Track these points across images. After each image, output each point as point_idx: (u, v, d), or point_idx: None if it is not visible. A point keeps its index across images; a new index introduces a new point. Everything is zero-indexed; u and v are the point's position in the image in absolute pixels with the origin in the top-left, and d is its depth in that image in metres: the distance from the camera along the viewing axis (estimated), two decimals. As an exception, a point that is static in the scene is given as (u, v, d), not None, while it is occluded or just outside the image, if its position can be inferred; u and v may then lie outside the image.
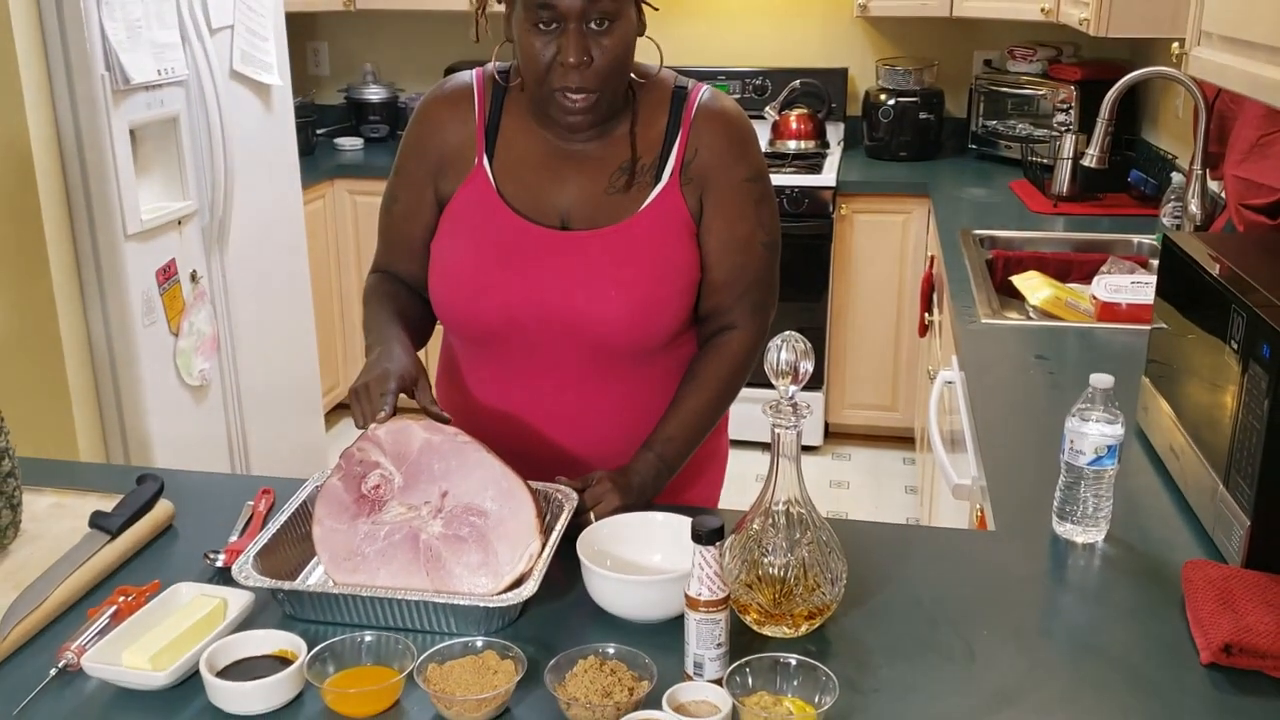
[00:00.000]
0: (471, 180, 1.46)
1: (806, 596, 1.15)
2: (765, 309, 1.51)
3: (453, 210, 1.47)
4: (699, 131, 1.44)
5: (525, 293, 1.42)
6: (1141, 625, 1.20)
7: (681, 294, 1.44)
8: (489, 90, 1.48)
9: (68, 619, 1.23)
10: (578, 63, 1.31)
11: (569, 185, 1.44)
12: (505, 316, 1.43)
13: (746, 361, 1.50)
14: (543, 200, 1.44)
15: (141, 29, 2.60)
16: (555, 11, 1.30)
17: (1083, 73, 3.69)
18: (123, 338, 2.67)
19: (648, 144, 1.44)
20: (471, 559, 1.22)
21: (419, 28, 4.44)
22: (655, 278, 1.42)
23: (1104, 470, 1.32)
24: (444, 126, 1.48)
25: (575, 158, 1.45)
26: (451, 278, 1.45)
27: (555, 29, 1.31)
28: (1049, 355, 2.03)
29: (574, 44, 1.31)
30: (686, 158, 1.43)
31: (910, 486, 3.74)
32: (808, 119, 4.03)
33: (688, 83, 1.48)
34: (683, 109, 1.44)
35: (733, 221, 1.45)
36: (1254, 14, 1.56)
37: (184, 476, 1.58)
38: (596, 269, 1.41)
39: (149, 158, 2.76)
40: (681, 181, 1.43)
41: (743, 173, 1.45)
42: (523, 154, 1.46)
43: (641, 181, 1.43)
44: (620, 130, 1.44)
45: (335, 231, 4.06)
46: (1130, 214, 3.19)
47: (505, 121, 1.47)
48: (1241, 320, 1.29)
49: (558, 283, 1.41)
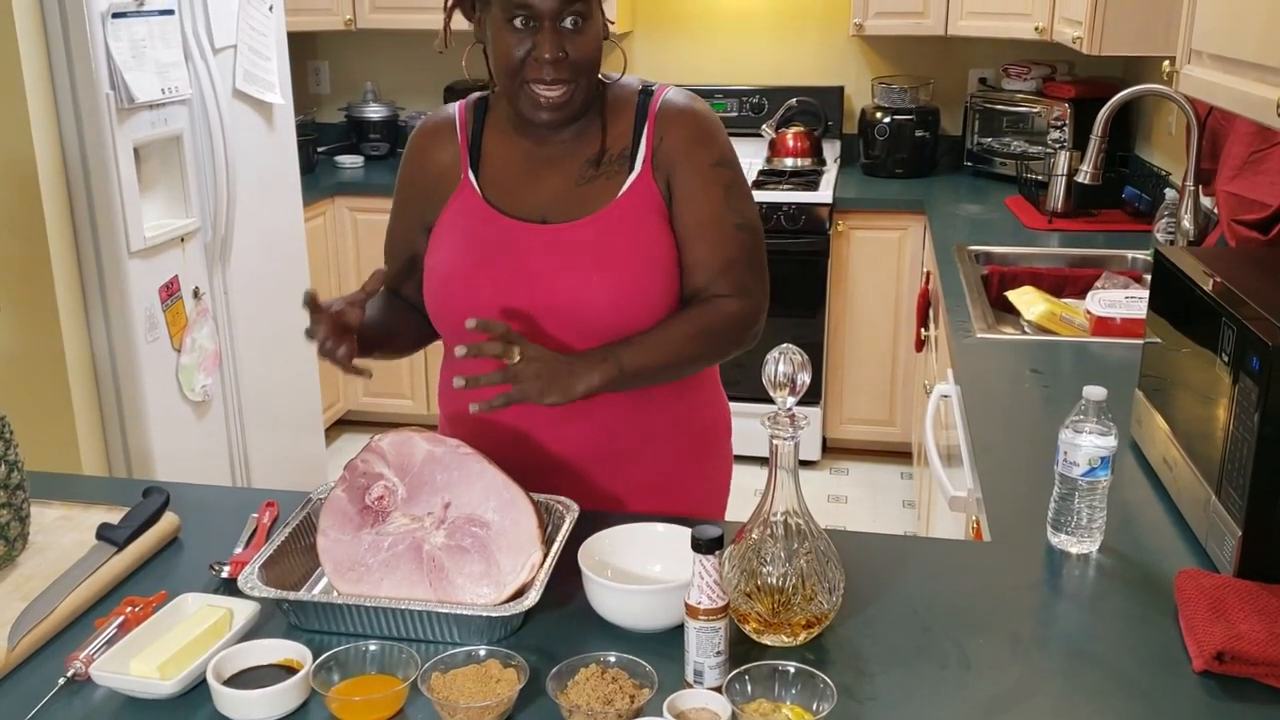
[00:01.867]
0: (459, 194, 1.54)
1: (804, 606, 1.17)
2: (750, 292, 1.52)
3: (442, 223, 1.54)
4: (664, 121, 1.50)
5: (512, 284, 1.47)
6: (1135, 634, 1.22)
7: (663, 274, 1.48)
8: (470, 115, 1.57)
9: (76, 629, 1.24)
10: (553, 58, 1.39)
11: (546, 184, 1.51)
12: (494, 309, 1.47)
13: (731, 323, 1.50)
14: (523, 200, 1.51)
15: (146, 48, 2.63)
16: (531, 10, 1.38)
17: (1076, 90, 3.72)
18: (125, 353, 2.69)
19: (615, 137, 1.51)
20: (474, 569, 1.24)
21: (419, 47, 4.48)
22: (635, 259, 1.46)
23: (1097, 481, 1.34)
24: (429, 155, 1.57)
25: (551, 160, 1.52)
26: (441, 279, 1.52)
27: (530, 27, 1.39)
28: (1044, 369, 2.05)
29: (549, 40, 1.38)
30: (654, 146, 1.49)
31: (908, 501, 3.75)
32: (804, 136, 4.07)
33: (653, 85, 1.55)
34: (648, 105, 1.51)
35: (700, 204, 1.49)
36: (1242, 33, 1.59)
37: (189, 489, 1.60)
38: (578, 257, 1.46)
39: (152, 175, 2.78)
40: (653, 168, 1.49)
41: (707, 158, 1.50)
42: (504, 163, 1.54)
43: (613, 170, 1.50)
44: (591, 128, 1.52)
45: (336, 248, 4.08)
46: (1124, 229, 3.22)
47: (487, 138, 1.55)
48: (1232, 333, 1.32)
49: (542, 272, 1.47)
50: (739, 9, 4.29)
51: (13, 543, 1.35)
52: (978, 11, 3.71)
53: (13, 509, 1.34)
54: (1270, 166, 2.20)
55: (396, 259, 1.62)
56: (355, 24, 4.16)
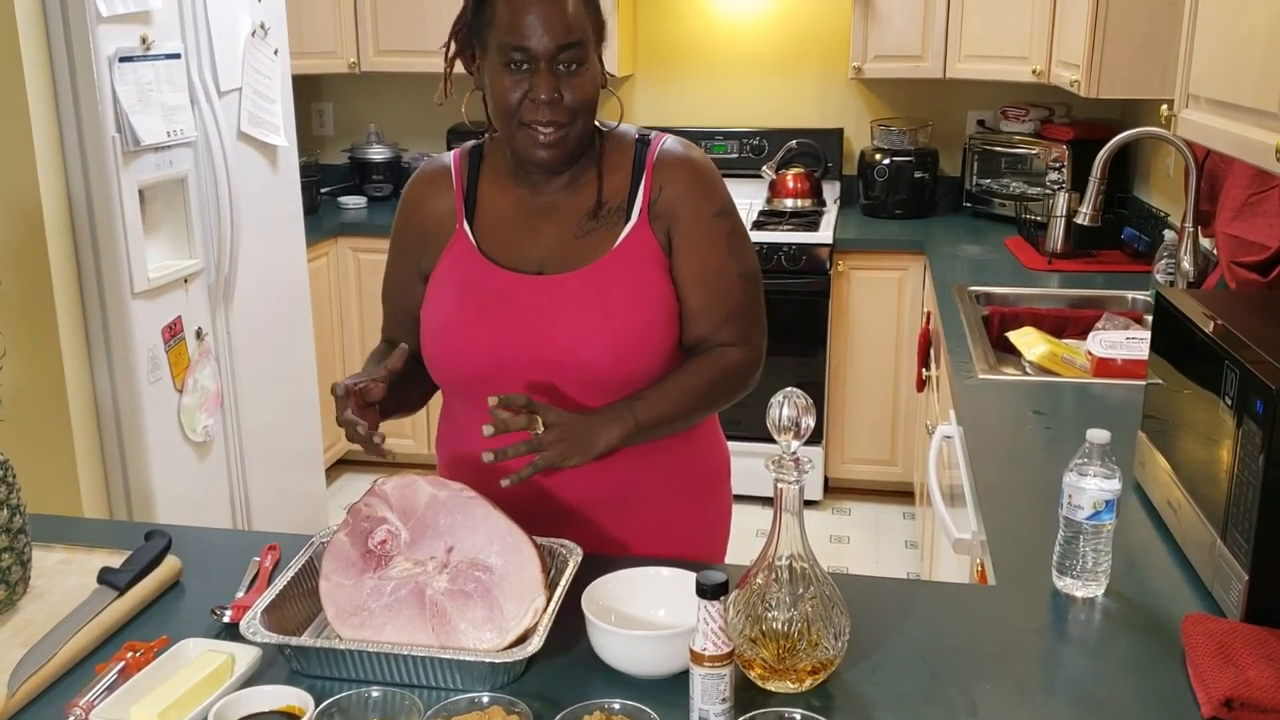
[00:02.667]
0: (454, 244, 1.53)
1: (810, 651, 1.16)
2: (752, 339, 1.54)
3: (438, 274, 1.54)
4: (662, 172, 1.50)
5: (509, 336, 1.47)
6: (1142, 679, 1.21)
7: (660, 323, 1.48)
8: (466, 163, 1.57)
9: (76, 675, 1.23)
10: (549, 99, 1.40)
11: (542, 234, 1.51)
12: (492, 361, 1.47)
13: (737, 372, 1.52)
14: (519, 251, 1.51)
15: (152, 91, 2.65)
16: (527, 53, 1.39)
17: (1074, 132, 3.75)
18: (128, 394, 2.69)
19: (613, 188, 1.51)
20: (477, 614, 1.23)
21: (421, 89, 4.52)
22: (633, 309, 1.46)
23: (1102, 525, 1.34)
24: (425, 204, 1.57)
25: (546, 208, 1.52)
26: (438, 332, 1.52)
27: (526, 70, 1.40)
28: (1046, 410, 2.05)
29: (545, 82, 1.39)
30: (652, 197, 1.50)
31: (910, 541, 3.74)
32: (804, 178, 4.10)
33: (649, 133, 1.55)
34: (645, 155, 1.52)
35: (703, 255, 1.50)
36: (1240, 78, 1.61)
37: (191, 532, 1.59)
38: (575, 307, 1.46)
39: (157, 217, 2.80)
40: (650, 218, 1.49)
41: (709, 208, 1.51)
42: (499, 213, 1.54)
43: (610, 222, 1.50)
44: (587, 177, 1.52)
45: (339, 289, 4.09)
46: (1124, 270, 3.23)
47: (483, 188, 1.55)
48: (1235, 376, 1.32)
49: (539, 324, 1.47)
50: (739, 52, 4.34)
51: (14, 587, 1.34)
52: (976, 55, 3.75)
53: (14, 553, 1.34)
54: (1269, 209, 2.21)
55: (394, 309, 1.63)
56: (359, 67, 4.20)
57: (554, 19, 1.38)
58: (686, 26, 4.33)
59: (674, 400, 1.47)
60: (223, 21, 2.90)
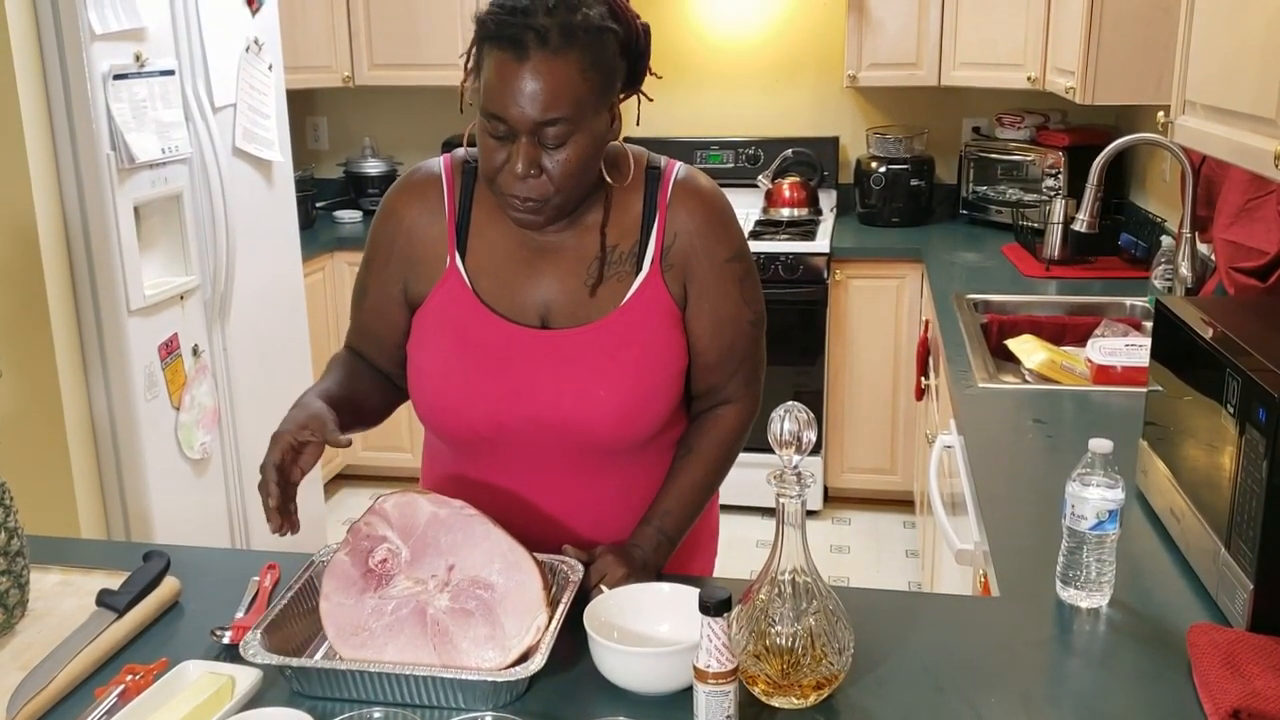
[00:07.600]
0: (445, 281, 1.42)
1: (814, 666, 1.15)
2: (756, 382, 1.52)
3: (428, 312, 1.43)
4: (676, 214, 1.41)
5: (512, 397, 1.39)
6: (1148, 690, 1.21)
7: (670, 383, 1.43)
8: (458, 179, 1.44)
9: (75, 698, 1.22)
10: (524, 175, 1.28)
11: (545, 281, 1.41)
12: (493, 422, 1.40)
13: (742, 433, 1.51)
14: (520, 298, 1.41)
15: (146, 109, 2.65)
16: (506, 125, 1.27)
17: (1070, 139, 3.76)
18: (124, 412, 2.69)
19: (624, 230, 1.41)
20: (478, 633, 1.23)
21: (416, 103, 4.52)
22: (643, 371, 1.40)
23: (1106, 535, 1.33)
24: (413, 222, 1.44)
25: (549, 251, 1.41)
26: (434, 385, 1.42)
27: (507, 138, 1.28)
28: (1046, 419, 2.04)
29: (523, 156, 1.27)
30: (666, 243, 1.41)
31: (911, 550, 3.73)
32: (800, 187, 4.10)
33: (660, 161, 1.45)
34: (658, 191, 1.42)
35: (719, 304, 1.43)
36: (1236, 84, 1.60)
37: (189, 552, 1.58)
38: (583, 368, 1.39)
39: (152, 234, 2.79)
40: (663, 268, 1.41)
41: (724, 253, 1.43)
42: (496, 248, 1.42)
43: (621, 271, 1.40)
44: (593, 219, 1.41)
45: (334, 303, 4.09)
46: (1122, 276, 3.23)
47: (476, 213, 1.43)
48: (1236, 384, 1.31)
49: (545, 385, 1.39)
50: (735, 62, 4.34)
51: (12, 610, 1.33)
52: (970, 62, 3.76)
53: (12, 576, 1.33)
54: (1266, 213, 2.21)
55: (367, 326, 1.50)
56: (354, 81, 4.20)
57: (538, 92, 1.24)
58: (681, 36, 4.33)
59: (695, 501, 1.46)
60: (217, 37, 2.89)
